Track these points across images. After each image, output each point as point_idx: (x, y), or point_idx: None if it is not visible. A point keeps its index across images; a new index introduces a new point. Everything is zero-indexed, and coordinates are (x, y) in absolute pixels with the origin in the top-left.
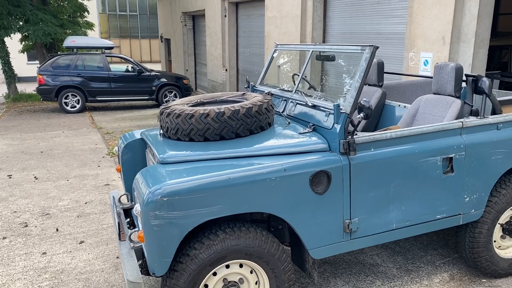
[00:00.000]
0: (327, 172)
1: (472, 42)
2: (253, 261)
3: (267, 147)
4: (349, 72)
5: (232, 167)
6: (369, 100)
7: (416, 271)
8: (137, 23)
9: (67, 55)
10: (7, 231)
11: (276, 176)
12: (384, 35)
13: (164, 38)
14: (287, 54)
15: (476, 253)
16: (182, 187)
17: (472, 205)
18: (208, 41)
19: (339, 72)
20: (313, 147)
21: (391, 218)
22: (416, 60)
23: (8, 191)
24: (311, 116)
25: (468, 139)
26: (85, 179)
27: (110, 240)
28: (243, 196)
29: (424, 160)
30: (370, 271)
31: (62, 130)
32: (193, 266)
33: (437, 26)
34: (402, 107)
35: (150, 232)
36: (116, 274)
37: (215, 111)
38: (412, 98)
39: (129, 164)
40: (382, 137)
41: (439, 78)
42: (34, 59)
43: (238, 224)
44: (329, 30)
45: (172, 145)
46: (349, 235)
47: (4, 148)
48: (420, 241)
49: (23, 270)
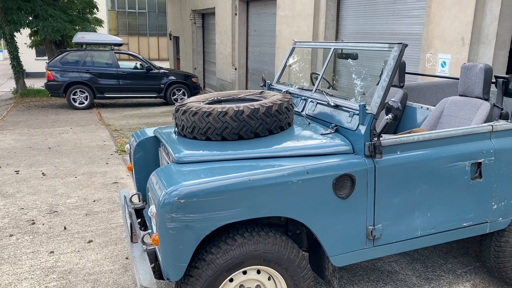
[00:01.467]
0: (351, 176)
1: (493, 43)
2: (271, 267)
3: (288, 148)
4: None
5: (252, 168)
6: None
7: (437, 280)
8: (146, 21)
9: (76, 51)
10: (14, 228)
11: (298, 179)
12: (399, 35)
13: (173, 35)
14: (298, 53)
15: (501, 263)
16: (200, 189)
17: (499, 213)
18: (217, 39)
19: (353, 72)
20: (336, 149)
21: (416, 225)
22: (433, 62)
23: (16, 187)
24: (332, 116)
25: (498, 144)
26: (93, 177)
27: (119, 240)
28: (263, 199)
29: (452, 165)
30: (389, 279)
31: (70, 127)
32: (210, 271)
33: (457, 27)
34: (424, 109)
35: (166, 235)
36: (126, 275)
37: (233, 110)
38: (433, 100)
39: (141, 162)
40: (409, 139)
41: (466, 79)
42: (42, 55)
43: (257, 228)
44: (342, 30)
45: (188, 144)
46: (372, 242)
47: (12, 143)
48: (439, 249)
49: (30, 269)
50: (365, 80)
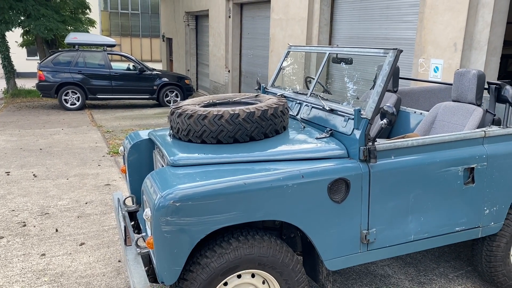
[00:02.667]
0: (346, 180)
1: (485, 49)
2: (266, 271)
3: (283, 151)
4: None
5: (247, 172)
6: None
7: (429, 284)
8: (139, 22)
9: (68, 52)
10: (5, 231)
11: (293, 183)
12: (392, 40)
13: (166, 37)
14: (291, 56)
15: (493, 267)
16: (195, 192)
17: (491, 218)
18: (211, 41)
19: (347, 76)
20: (331, 153)
21: (409, 229)
22: (426, 67)
23: (6, 188)
24: (327, 120)
25: (491, 149)
26: (85, 178)
27: (111, 243)
28: (258, 203)
29: (445, 170)
30: (382, 283)
31: (62, 127)
32: (204, 275)
33: (449, 33)
34: (418, 114)
35: (161, 238)
36: (118, 278)
37: (229, 113)
38: (426, 105)
39: (135, 165)
40: (403, 144)
41: (459, 85)
42: (33, 55)
43: (252, 232)
44: (336, 34)
45: (183, 147)
46: (366, 246)
47: (2, 144)
48: (431, 253)
49: (21, 272)
50: (358, 84)
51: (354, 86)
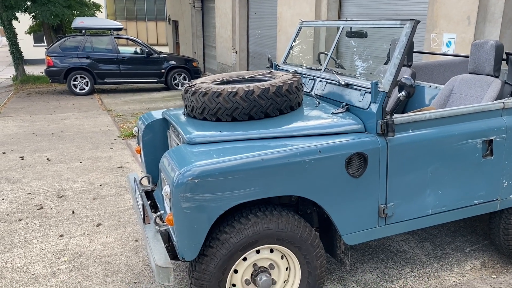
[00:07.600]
0: (363, 154)
1: (499, 22)
2: (284, 246)
3: (299, 127)
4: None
5: (264, 148)
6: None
7: (446, 258)
8: (144, 5)
9: (75, 37)
10: (23, 213)
11: (311, 158)
12: (403, 15)
13: (172, 20)
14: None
15: (511, 240)
16: (214, 168)
17: (510, 191)
18: (217, 23)
19: (358, 52)
20: (347, 128)
21: (427, 203)
22: (438, 41)
23: (21, 172)
24: (342, 95)
25: (510, 121)
26: (98, 161)
27: (128, 223)
28: (276, 178)
29: (463, 143)
30: (398, 258)
31: (72, 112)
32: (224, 250)
33: (462, 6)
34: (433, 87)
35: (181, 215)
36: (136, 257)
37: (244, 90)
38: (440, 79)
39: (149, 145)
40: (421, 117)
41: (476, 57)
42: (40, 41)
43: (270, 208)
44: (345, 11)
45: (198, 125)
46: (384, 220)
47: (15, 129)
48: (447, 227)
49: (41, 252)
50: (369, 62)
51: (364, 63)
